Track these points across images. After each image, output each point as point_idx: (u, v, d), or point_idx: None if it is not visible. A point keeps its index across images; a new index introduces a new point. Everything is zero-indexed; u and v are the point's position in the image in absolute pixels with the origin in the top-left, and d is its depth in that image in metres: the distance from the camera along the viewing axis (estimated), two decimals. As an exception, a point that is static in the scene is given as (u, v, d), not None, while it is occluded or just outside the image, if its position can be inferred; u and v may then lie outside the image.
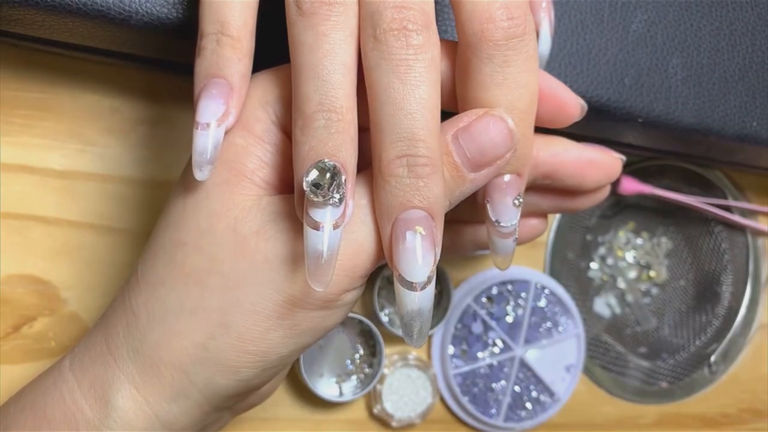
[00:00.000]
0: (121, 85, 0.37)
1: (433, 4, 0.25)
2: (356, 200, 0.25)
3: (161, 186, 0.38)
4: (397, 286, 0.25)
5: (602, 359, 0.48)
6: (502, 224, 0.27)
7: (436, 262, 0.25)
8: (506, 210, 0.27)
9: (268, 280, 0.25)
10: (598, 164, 0.31)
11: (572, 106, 0.29)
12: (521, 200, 0.27)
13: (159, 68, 0.35)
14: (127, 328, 0.26)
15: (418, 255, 0.24)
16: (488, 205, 0.28)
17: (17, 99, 0.36)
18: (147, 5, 0.30)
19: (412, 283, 0.24)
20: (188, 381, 0.26)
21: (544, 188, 0.32)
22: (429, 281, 0.24)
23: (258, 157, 0.26)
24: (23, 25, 0.31)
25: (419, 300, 0.24)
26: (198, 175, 0.25)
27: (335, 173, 0.23)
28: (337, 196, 0.24)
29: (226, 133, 0.26)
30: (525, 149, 0.27)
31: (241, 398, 0.28)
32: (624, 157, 0.32)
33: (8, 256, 0.36)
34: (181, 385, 0.26)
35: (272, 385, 0.32)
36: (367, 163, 0.26)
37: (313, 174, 0.23)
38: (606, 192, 0.33)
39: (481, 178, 0.26)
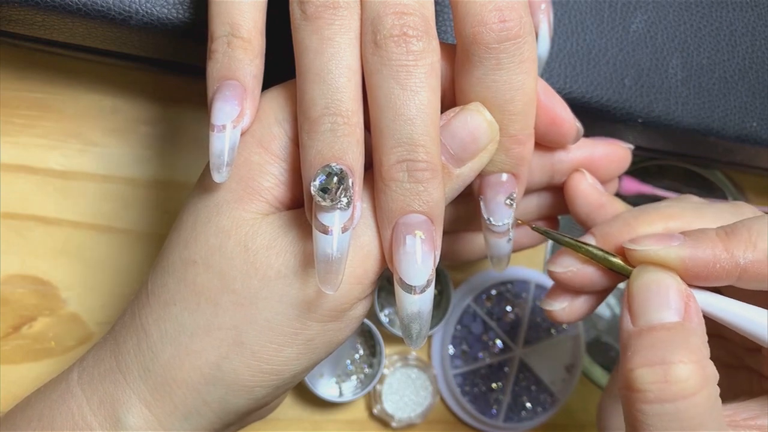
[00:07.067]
0: (121, 85, 0.37)
1: (433, 10, 0.25)
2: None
3: (162, 186, 0.38)
4: (397, 288, 0.25)
5: (602, 359, 0.48)
6: (493, 222, 0.28)
7: (436, 266, 0.25)
8: (498, 208, 0.28)
9: (281, 295, 0.25)
10: (609, 157, 0.31)
11: (568, 124, 0.29)
12: (514, 200, 0.28)
13: (159, 68, 0.35)
14: (138, 346, 0.26)
15: (418, 258, 0.24)
16: (481, 202, 0.28)
17: (17, 99, 0.36)
18: (147, 5, 0.30)
19: (412, 286, 0.24)
20: (201, 400, 0.26)
21: (555, 187, 0.32)
22: (428, 284, 0.25)
23: (273, 175, 0.26)
24: (23, 25, 0.31)
25: (419, 302, 0.25)
26: (216, 177, 0.25)
27: (342, 177, 0.24)
28: (345, 199, 0.24)
29: (242, 135, 0.26)
30: (519, 150, 0.27)
31: (251, 414, 0.28)
32: (632, 146, 0.32)
33: (8, 256, 0.36)
34: (194, 404, 0.26)
35: (281, 398, 0.32)
36: (370, 164, 0.26)
37: (321, 179, 0.23)
38: (616, 185, 0.33)
39: (466, 172, 0.26)
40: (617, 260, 0.27)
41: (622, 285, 0.50)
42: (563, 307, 0.29)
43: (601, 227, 0.28)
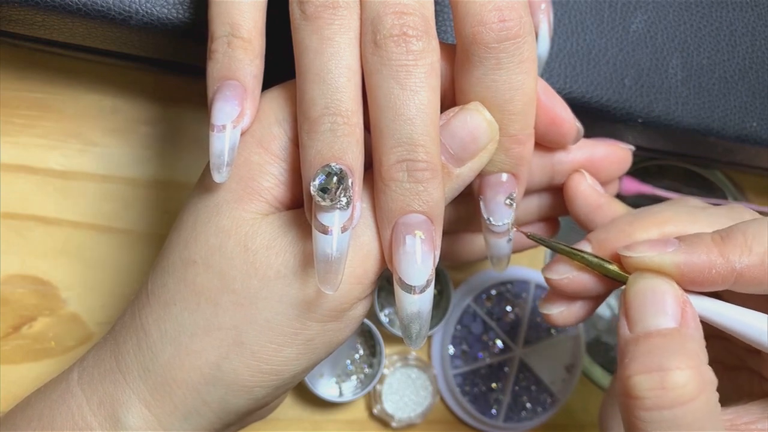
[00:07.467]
0: (121, 85, 0.37)
1: (433, 10, 0.25)
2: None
3: (161, 186, 0.38)
4: (397, 288, 0.25)
5: (602, 359, 0.48)
6: (493, 222, 0.28)
7: (435, 266, 0.25)
8: (497, 208, 0.28)
9: (281, 295, 0.25)
10: (609, 158, 0.31)
11: (568, 124, 0.29)
12: (514, 200, 0.28)
13: (159, 68, 0.35)
14: (138, 346, 0.26)
15: (418, 258, 0.24)
16: (481, 202, 0.28)
17: (17, 99, 0.36)
18: (147, 5, 0.30)
19: (412, 286, 0.24)
20: (201, 400, 0.26)
21: (556, 188, 0.32)
22: (428, 284, 0.25)
23: (273, 175, 0.26)
24: (23, 25, 0.31)
25: (419, 302, 0.25)
26: (216, 177, 0.25)
27: (342, 177, 0.24)
28: (344, 199, 0.24)
29: (242, 135, 0.26)
30: (519, 150, 0.27)
31: (251, 414, 0.28)
32: (633, 147, 0.32)
33: (8, 256, 0.36)
34: (193, 404, 0.26)
35: (281, 398, 0.32)
36: (370, 164, 0.26)
37: (321, 179, 0.23)
38: (616, 186, 0.33)
39: (466, 172, 0.26)
40: (613, 267, 0.27)
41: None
42: (560, 311, 0.29)
43: (597, 234, 0.28)
